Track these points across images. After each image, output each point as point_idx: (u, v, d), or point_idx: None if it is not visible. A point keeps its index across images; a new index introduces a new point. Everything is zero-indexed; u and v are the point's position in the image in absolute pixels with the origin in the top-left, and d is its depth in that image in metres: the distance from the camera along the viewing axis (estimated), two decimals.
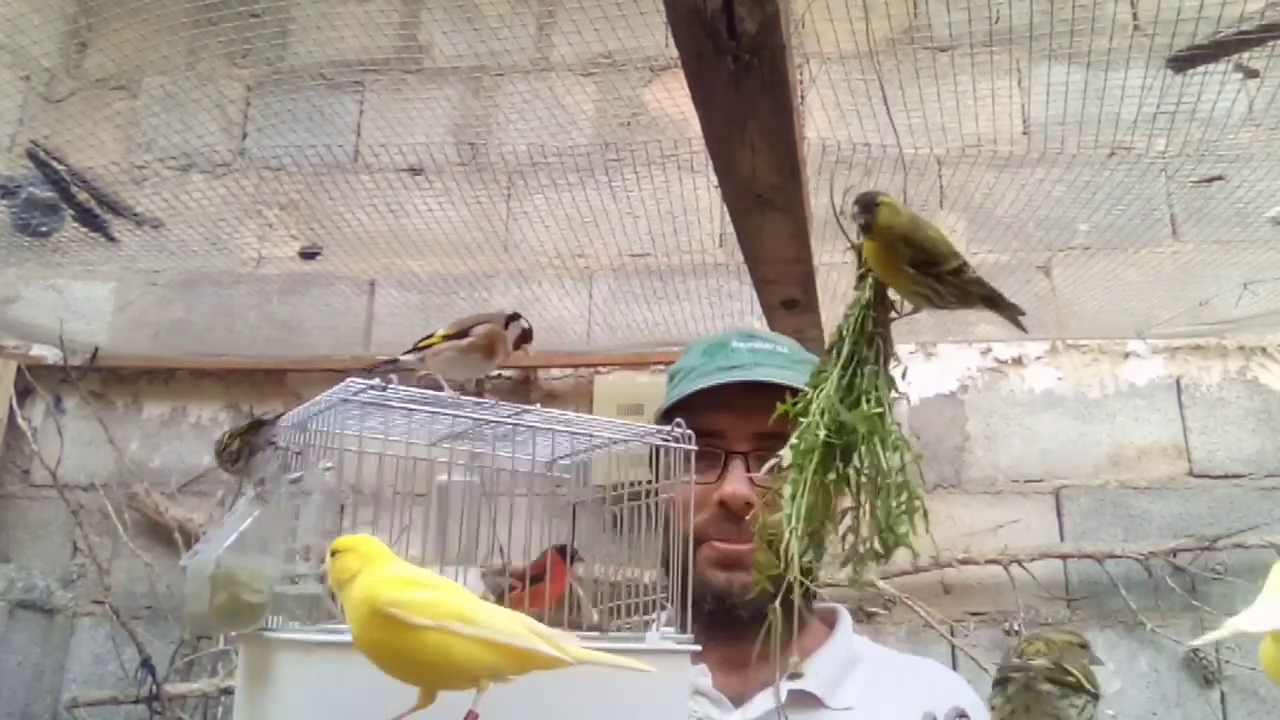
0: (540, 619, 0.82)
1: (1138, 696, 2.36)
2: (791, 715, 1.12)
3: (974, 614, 2.47)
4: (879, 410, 0.82)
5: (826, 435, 0.81)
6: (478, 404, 0.92)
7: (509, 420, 0.92)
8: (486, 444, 0.98)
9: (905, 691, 1.18)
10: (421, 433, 0.95)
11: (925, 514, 0.82)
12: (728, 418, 1.19)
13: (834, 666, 1.18)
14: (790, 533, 0.79)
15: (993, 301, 0.90)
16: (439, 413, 0.90)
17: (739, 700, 1.15)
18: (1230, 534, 2.39)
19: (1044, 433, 2.59)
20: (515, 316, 1.23)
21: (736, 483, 1.16)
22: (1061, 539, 2.51)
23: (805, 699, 1.13)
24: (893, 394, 0.86)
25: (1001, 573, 2.43)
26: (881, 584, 2.41)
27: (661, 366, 2.59)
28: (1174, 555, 2.40)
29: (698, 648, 0.88)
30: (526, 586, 1.09)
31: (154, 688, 2.40)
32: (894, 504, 0.81)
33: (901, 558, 0.85)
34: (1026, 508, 2.54)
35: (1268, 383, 2.57)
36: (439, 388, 1.08)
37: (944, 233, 0.88)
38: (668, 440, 0.94)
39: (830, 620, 1.27)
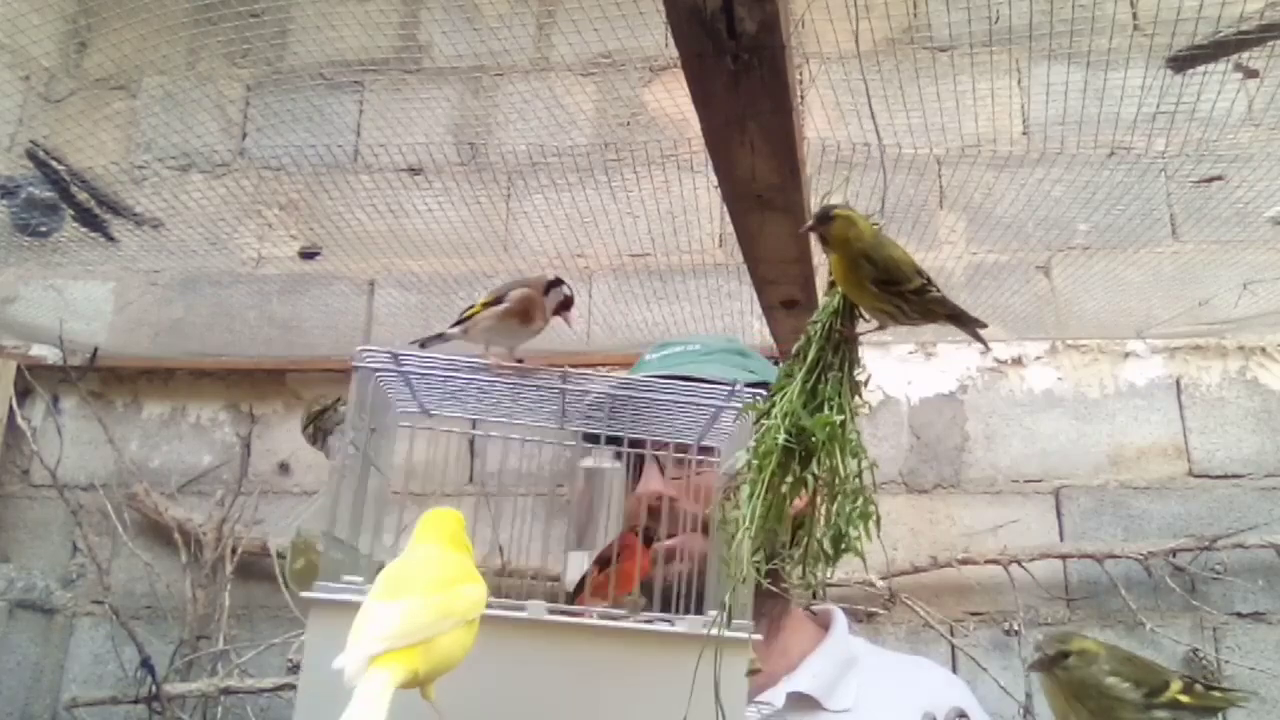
0: (618, 603, 0.83)
1: None
2: (791, 716, 1.12)
3: (974, 614, 2.47)
4: (840, 417, 0.83)
5: (786, 440, 0.82)
6: (510, 367, 0.93)
7: (539, 384, 0.92)
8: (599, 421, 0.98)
9: (903, 692, 1.18)
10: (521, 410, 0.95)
11: (878, 519, 0.83)
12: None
13: (831, 668, 1.18)
14: (743, 533, 0.80)
15: (957, 318, 0.91)
16: (459, 378, 0.91)
17: None
18: (1230, 534, 2.39)
19: (1044, 433, 2.59)
20: (557, 282, 1.22)
21: (650, 482, 1.19)
22: (1061, 539, 2.50)
23: (803, 701, 1.14)
24: (856, 401, 0.87)
25: (1001, 573, 2.43)
26: (882, 584, 2.41)
27: None
28: (1174, 555, 2.40)
29: (757, 636, 0.86)
30: (613, 567, 1.07)
31: (153, 688, 2.40)
32: (849, 508, 0.82)
33: (850, 562, 0.85)
34: (1026, 508, 2.54)
35: (1267, 383, 2.57)
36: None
37: (908, 252, 0.89)
38: (727, 401, 0.93)
39: (825, 622, 1.28)
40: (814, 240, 1.50)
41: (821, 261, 1.65)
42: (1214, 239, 2.38)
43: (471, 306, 1.18)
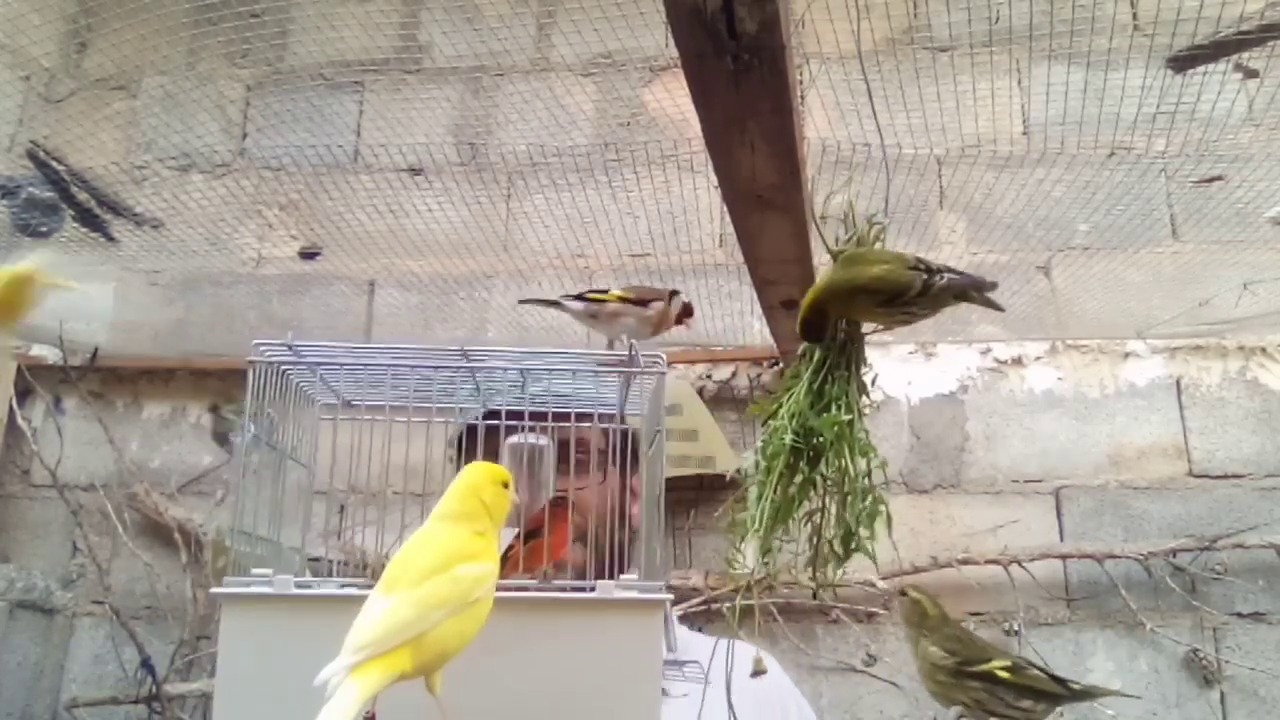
0: (539, 576, 0.83)
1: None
2: None
3: (974, 614, 2.46)
4: (848, 416, 0.82)
5: (794, 440, 0.81)
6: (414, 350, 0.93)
7: (456, 364, 0.92)
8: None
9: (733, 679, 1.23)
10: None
11: (888, 518, 0.83)
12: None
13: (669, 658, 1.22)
14: (752, 534, 0.80)
15: (965, 296, 0.90)
16: (362, 366, 0.91)
17: None
18: (1230, 534, 2.39)
19: (1044, 433, 2.59)
20: (675, 293, 1.26)
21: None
22: (1061, 539, 2.50)
23: None
24: (863, 400, 0.87)
25: (1001, 573, 2.43)
26: (882, 583, 2.41)
27: None
28: (1174, 555, 2.40)
29: (669, 596, 0.86)
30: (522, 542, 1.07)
31: (154, 688, 2.40)
32: (859, 507, 0.82)
33: (860, 562, 0.85)
34: (1026, 508, 2.54)
35: (1268, 383, 2.57)
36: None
37: (897, 252, 0.88)
38: (633, 367, 0.91)
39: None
40: (813, 240, 1.50)
41: (822, 261, 1.65)
42: (1214, 239, 2.38)
43: (603, 291, 1.21)
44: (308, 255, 2.80)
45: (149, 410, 2.90)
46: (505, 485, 0.79)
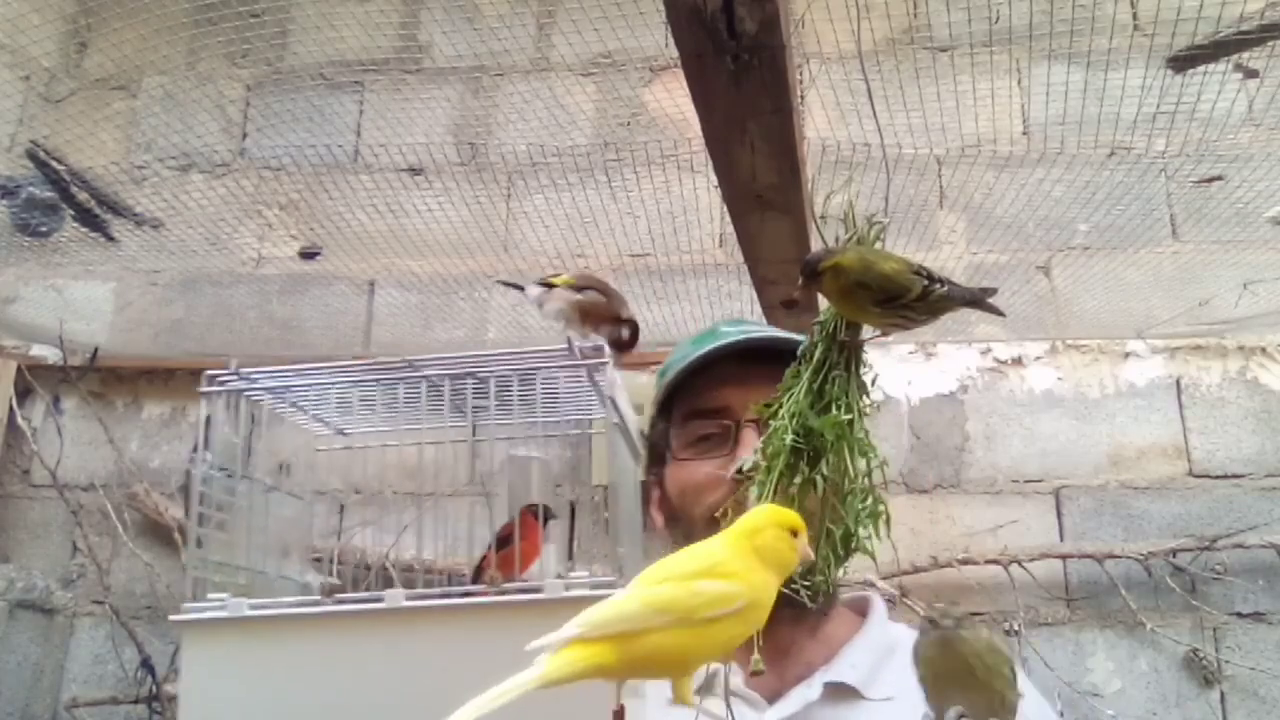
0: (509, 583, 0.82)
1: (1138, 696, 2.36)
2: (830, 708, 1.07)
3: (974, 614, 2.45)
4: (849, 416, 0.82)
5: (794, 440, 0.81)
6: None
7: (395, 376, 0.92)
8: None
9: None
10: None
11: (888, 519, 0.83)
12: (729, 390, 1.14)
13: (870, 656, 1.13)
14: None
15: (970, 303, 0.90)
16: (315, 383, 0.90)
17: (773, 698, 1.09)
18: (1230, 534, 2.39)
19: (1044, 433, 2.59)
20: (630, 322, 1.26)
21: (751, 452, 1.10)
22: (1061, 539, 2.50)
23: (843, 691, 1.09)
24: (864, 400, 0.86)
25: (1001, 573, 2.43)
26: (882, 584, 2.41)
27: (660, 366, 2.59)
28: (1174, 555, 2.40)
29: (619, 592, 0.83)
30: (493, 551, 1.05)
31: (154, 688, 2.40)
32: (859, 507, 0.82)
33: (860, 562, 0.85)
34: (1026, 508, 2.54)
35: (1267, 383, 2.57)
36: None
37: (901, 257, 0.88)
38: (574, 359, 0.90)
39: (862, 609, 1.22)
40: (813, 240, 1.50)
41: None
42: (1214, 239, 2.38)
43: (556, 275, 1.23)
44: (308, 255, 2.80)
45: (149, 410, 2.90)
46: (794, 533, 0.72)
